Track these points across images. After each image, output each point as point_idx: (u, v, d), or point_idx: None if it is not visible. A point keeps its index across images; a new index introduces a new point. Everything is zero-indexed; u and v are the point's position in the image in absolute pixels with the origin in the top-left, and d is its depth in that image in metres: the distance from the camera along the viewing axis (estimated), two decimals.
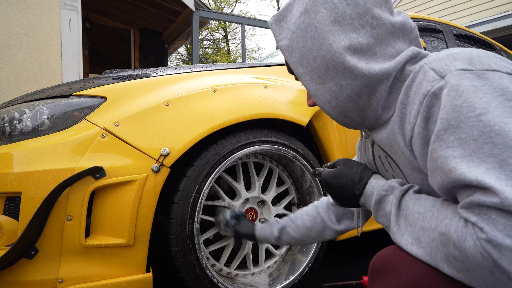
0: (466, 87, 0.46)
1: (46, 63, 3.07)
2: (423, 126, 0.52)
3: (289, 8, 0.68)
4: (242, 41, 5.96)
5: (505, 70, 0.48)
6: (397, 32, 0.61)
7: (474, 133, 0.44)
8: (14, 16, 2.94)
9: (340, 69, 0.59)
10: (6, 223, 0.91)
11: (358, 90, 0.60)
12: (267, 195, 1.36)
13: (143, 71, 1.30)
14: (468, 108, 0.45)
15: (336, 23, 0.59)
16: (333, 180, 0.71)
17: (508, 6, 6.68)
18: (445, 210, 0.49)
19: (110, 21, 5.95)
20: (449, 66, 0.50)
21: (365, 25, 0.59)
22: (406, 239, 0.53)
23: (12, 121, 1.02)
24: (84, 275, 0.94)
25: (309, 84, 0.65)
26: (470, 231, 0.43)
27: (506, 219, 0.40)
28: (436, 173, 0.49)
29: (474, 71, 0.48)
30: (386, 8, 0.61)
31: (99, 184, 0.95)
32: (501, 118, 0.43)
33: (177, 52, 15.90)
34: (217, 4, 16.73)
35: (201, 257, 1.12)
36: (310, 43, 0.62)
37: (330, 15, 0.59)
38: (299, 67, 0.65)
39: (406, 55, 0.60)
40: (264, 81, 1.35)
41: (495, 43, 2.63)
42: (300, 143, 1.33)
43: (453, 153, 0.45)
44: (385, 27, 0.59)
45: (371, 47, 0.59)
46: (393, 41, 0.61)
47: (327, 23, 0.60)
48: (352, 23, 0.59)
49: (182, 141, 1.06)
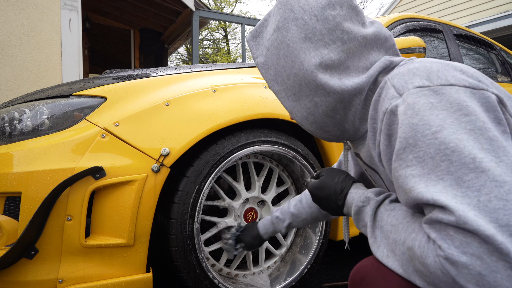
0: (422, 105, 0.47)
1: (46, 63, 3.07)
2: (386, 143, 0.53)
3: (264, 24, 0.68)
4: (242, 41, 5.97)
5: (462, 83, 0.48)
6: (370, 43, 0.61)
7: (431, 151, 0.45)
8: (14, 16, 2.94)
9: (313, 86, 0.60)
10: (6, 223, 0.91)
11: (332, 106, 0.60)
12: (267, 195, 1.36)
13: (143, 71, 1.30)
14: (424, 126, 0.46)
15: (307, 40, 0.59)
16: (318, 191, 0.71)
17: (508, 6, 6.68)
18: (413, 222, 0.49)
19: (110, 21, 5.95)
20: (407, 84, 0.50)
21: (335, 40, 0.58)
22: (382, 251, 0.54)
23: (12, 121, 1.02)
24: (84, 275, 0.94)
25: (285, 101, 0.65)
26: (431, 247, 0.44)
27: (463, 235, 0.40)
28: (400, 191, 0.50)
29: (431, 87, 0.48)
30: (357, 20, 0.61)
31: (99, 184, 0.95)
32: (456, 135, 0.44)
33: (177, 52, 15.90)
34: (217, 4, 16.73)
35: (201, 257, 1.12)
36: (283, 61, 0.62)
37: (301, 32, 0.60)
38: (274, 85, 0.65)
39: (378, 66, 0.60)
40: (264, 81, 1.35)
41: (495, 43, 2.63)
42: (300, 143, 1.33)
43: (412, 172, 0.46)
44: (356, 41, 0.59)
45: (343, 62, 0.59)
46: (367, 53, 0.61)
47: (298, 40, 0.60)
48: (323, 39, 0.59)
49: (182, 141, 1.06)
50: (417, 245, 0.46)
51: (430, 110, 0.46)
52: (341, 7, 0.60)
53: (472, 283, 0.39)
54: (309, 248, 1.37)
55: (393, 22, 1.88)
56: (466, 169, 0.42)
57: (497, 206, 0.40)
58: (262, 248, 1.36)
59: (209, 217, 1.24)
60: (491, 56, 2.59)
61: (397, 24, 1.90)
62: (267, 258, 1.40)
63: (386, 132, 0.52)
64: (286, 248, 1.43)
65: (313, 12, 0.59)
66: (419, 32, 2.04)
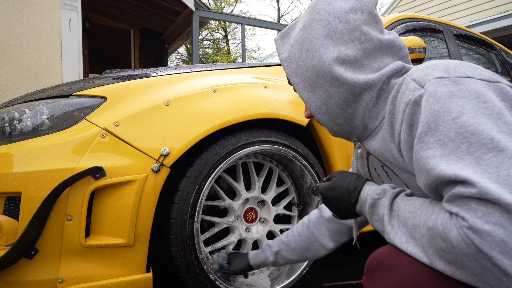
0: (443, 93, 0.51)
1: (46, 63, 3.07)
2: (408, 132, 0.56)
3: (293, 27, 0.76)
4: (242, 41, 5.96)
5: (478, 76, 0.52)
6: (385, 48, 0.66)
7: (451, 134, 0.48)
8: (14, 16, 2.94)
9: (328, 77, 0.65)
10: (6, 223, 0.91)
11: (344, 98, 0.65)
12: (267, 195, 1.36)
13: (143, 71, 1.30)
14: (445, 112, 0.49)
15: (328, 38, 0.65)
16: (330, 191, 0.73)
17: (508, 6, 6.68)
18: (432, 207, 0.51)
19: (110, 21, 5.95)
20: (428, 76, 0.55)
21: (354, 40, 0.64)
22: (400, 237, 0.55)
23: (12, 121, 1.02)
24: (84, 275, 0.94)
25: (302, 92, 0.70)
26: (453, 221, 0.45)
27: (485, 206, 0.43)
28: (421, 173, 0.52)
29: (450, 78, 0.52)
30: (376, 27, 0.67)
31: (99, 184, 0.95)
32: (475, 119, 0.47)
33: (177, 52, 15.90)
34: (217, 4, 16.73)
35: (201, 257, 1.12)
36: (304, 55, 0.68)
37: (324, 30, 0.66)
38: (294, 77, 0.71)
39: (391, 68, 0.65)
40: (264, 81, 1.35)
41: (495, 43, 2.63)
42: (300, 143, 1.33)
43: (434, 153, 0.49)
44: (372, 42, 0.65)
45: (359, 59, 0.65)
46: (381, 56, 0.66)
47: (320, 37, 0.66)
48: (342, 38, 0.65)
49: (182, 141, 1.06)
50: (439, 223, 0.47)
51: (450, 98, 0.50)
52: (362, 13, 0.66)
53: (495, 250, 0.41)
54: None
55: (393, 22, 1.88)
56: (485, 149, 0.45)
57: None
58: None
59: (209, 217, 1.24)
60: (491, 56, 2.59)
61: (397, 24, 1.90)
62: None
63: (408, 122, 0.55)
64: None
65: (336, 15, 0.66)
66: (419, 32, 2.04)
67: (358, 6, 0.66)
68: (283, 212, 1.41)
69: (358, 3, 0.66)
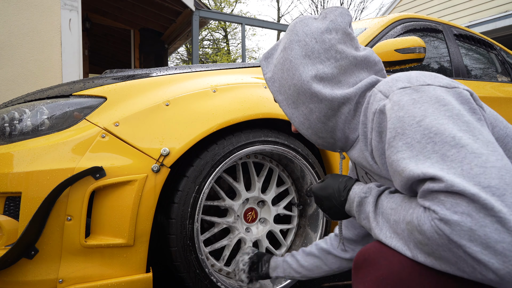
0: (406, 101, 0.55)
1: (46, 63, 3.07)
2: (378, 139, 0.61)
3: (276, 48, 0.82)
4: (242, 41, 5.96)
5: (438, 83, 0.57)
6: (360, 64, 0.71)
7: (417, 136, 0.52)
8: (14, 16, 2.94)
9: (308, 94, 0.70)
10: (6, 223, 0.91)
11: (324, 112, 0.70)
12: (267, 195, 1.36)
13: (143, 71, 1.30)
14: (409, 117, 0.54)
15: (306, 57, 0.71)
16: (322, 191, 0.76)
17: (508, 6, 6.68)
18: (410, 203, 0.55)
19: (110, 21, 5.95)
20: (392, 87, 0.60)
21: (330, 58, 0.70)
22: (385, 233, 0.58)
23: (12, 121, 1.02)
24: (84, 275, 0.94)
25: (286, 109, 0.76)
26: (426, 215, 0.49)
27: (452, 198, 0.46)
28: (395, 176, 0.56)
29: (412, 87, 0.57)
30: (351, 45, 0.72)
31: (99, 184, 0.95)
32: (438, 121, 0.51)
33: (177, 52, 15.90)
34: (217, 4, 16.73)
35: (201, 257, 1.12)
36: (286, 74, 0.73)
37: (302, 50, 0.72)
38: (278, 95, 0.77)
39: (366, 82, 0.69)
40: (265, 81, 1.35)
41: (495, 43, 2.63)
42: (300, 143, 1.33)
43: (403, 156, 0.53)
44: (347, 60, 0.70)
45: (335, 76, 0.70)
46: (357, 71, 0.71)
47: (299, 57, 0.71)
48: (319, 57, 0.70)
49: (182, 141, 1.06)
50: (415, 217, 0.51)
51: (413, 104, 0.55)
52: (337, 33, 0.72)
53: (465, 238, 0.43)
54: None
55: (393, 22, 1.88)
56: (448, 146, 0.49)
57: (478, 172, 0.46)
58: (262, 248, 1.36)
59: (209, 217, 1.24)
60: (491, 56, 2.58)
61: (397, 24, 1.90)
62: None
63: (377, 130, 0.60)
64: (286, 248, 1.43)
65: (313, 35, 0.72)
66: (419, 32, 2.04)
67: (333, 27, 0.72)
68: (283, 212, 1.41)
69: (332, 24, 0.72)
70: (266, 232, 1.36)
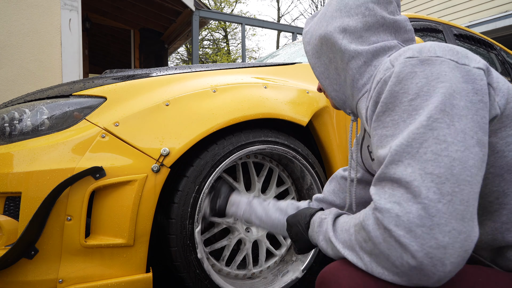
0: (406, 74, 0.53)
1: (46, 63, 3.08)
2: (372, 109, 0.60)
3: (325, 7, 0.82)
4: (242, 41, 5.97)
5: (448, 57, 0.53)
6: (387, 26, 0.70)
7: (405, 116, 0.51)
8: (14, 16, 2.94)
9: (329, 44, 0.72)
10: (6, 223, 0.91)
11: (339, 63, 0.71)
12: (267, 195, 1.36)
13: (143, 71, 1.30)
14: (403, 94, 0.52)
15: (338, 11, 0.72)
16: (293, 218, 0.81)
17: (508, 6, 6.68)
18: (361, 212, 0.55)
19: (110, 21, 5.95)
20: (401, 56, 0.57)
21: (358, 13, 0.69)
22: (338, 245, 0.59)
23: (12, 121, 1.02)
24: (84, 275, 0.94)
25: (311, 58, 0.78)
26: (371, 210, 0.51)
27: (392, 189, 0.48)
28: (374, 146, 0.57)
29: (419, 58, 0.54)
30: (385, 7, 0.71)
31: (99, 184, 0.95)
32: (427, 102, 0.50)
33: (177, 52, 15.90)
34: (217, 4, 16.73)
35: (201, 257, 1.12)
36: (317, 26, 0.76)
37: (337, 5, 0.73)
38: (307, 45, 0.80)
39: (383, 44, 0.68)
40: (264, 81, 1.35)
41: (495, 43, 2.63)
42: (300, 143, 1.33)
43: (386, 133, 0.53)
44: (375, 17, 0.69)
45: (358, 31, 0.69)
46: (382, 32, 0.69)
47: (333, 10, 0.73)
48: (349, 11, 0.70)
49: (182, 141, 1.06)
50: (361, 216, 0.53)
51: (412, 79, 0.52)
52: None
53: (392, 223, 0.46)
54: None
55: None
56: (420, 125, 0.48)
57: (429, 158, 0.47)
58: (263, 248, 1.36)
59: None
60: (491, 56, 2.58)
61: None
62: (267, 258, 1.40)
63: (374, 99, 0.59)
64: (286, 248, 1.43)
65: None
66: (419, 32, 2.04)
67: None
68: None
69: None
70: (266, 232, 1.36)
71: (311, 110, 1.33)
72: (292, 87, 1.37)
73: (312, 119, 1.36)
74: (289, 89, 1.35)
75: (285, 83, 1.38)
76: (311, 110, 1.33)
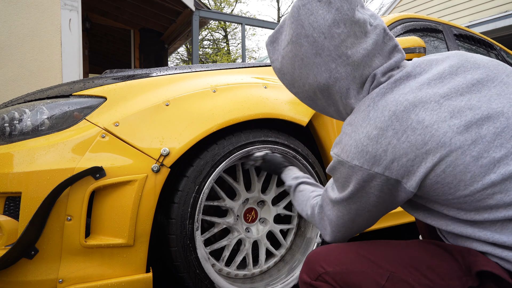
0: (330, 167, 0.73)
1: (46, 63, 3.07)
2: None
3: (280, 31, 0.77)
4: (242, 41, 5.97)
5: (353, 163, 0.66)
6: (372, 52, 0.67)
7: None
8: (14, 16, 2.94)
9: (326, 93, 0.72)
10: (6, 223, 0.91)
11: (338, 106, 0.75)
12: (267, 195, 1.36)
13: (143, 71, 1.30)
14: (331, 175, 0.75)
15: (318, 56, 0.68)
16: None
17: (508, 6, 6.68)
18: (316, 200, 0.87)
19: (110, 21, 5.95)
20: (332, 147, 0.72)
21: (341, 55, 0.67)
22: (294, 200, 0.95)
23: (12, 121, 1.02)
24: (84, 275, 0.94)
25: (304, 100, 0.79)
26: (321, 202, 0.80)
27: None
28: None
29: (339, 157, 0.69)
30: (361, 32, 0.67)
31: (99, 184, 0.95)
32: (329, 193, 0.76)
33: (177, 52, 15.90)
34: (217, 4, 16.73)
35: (201, 257, 1.12)
36: (298, 71, 0.72)
37: (312, 48, 0.68)
38: (291, 88, 0.78)
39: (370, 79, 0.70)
40: (264, 81, 1.35)
41: (495, 43, 2.63)
42: (300, 143, 1.33)
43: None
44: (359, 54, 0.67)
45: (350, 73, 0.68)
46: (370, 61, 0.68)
47: (310, 56, 0.69)
48: (330, 55, 0.67)
49: (182, 141, 1.06)
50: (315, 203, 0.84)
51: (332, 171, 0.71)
52: (345, 25, 0.66)
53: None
54: (308, 248, 1.37)
55: (393, 22, 1.88)
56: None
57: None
58: (262, 248, 1.36)
59: (209, 217, 1.24)
60: (491, 56, 2.59)
61: (397, 24, 1.90)
62: (267, 258, 1.40)
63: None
64: (286, 248, 1.43)
65: (321, 30, 0.67)
66: (419, 32, 2.04)
67: (340, 18, 0.66)
68: (283, 212, 1.41)
69: (339, 14, 0.66)
70: (266, 232, 1.36)
71: (311, 110, 1.33)
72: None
73: (312, 119, 1.36)
74: None
75: None
76: (311, 110, 1.33)
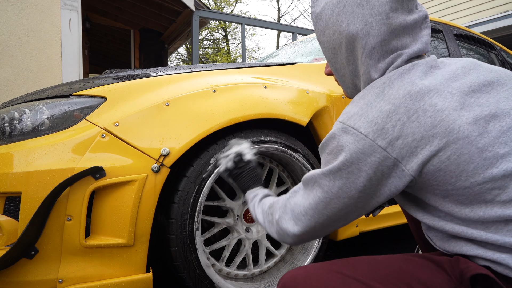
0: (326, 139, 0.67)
1: (46, 63, 3.08)
2: None
3: None
4: (242, 41, 5.97)
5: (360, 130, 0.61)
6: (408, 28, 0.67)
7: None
8: (14, 16, 2.95)
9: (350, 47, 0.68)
10: (6, 223, 0.91)
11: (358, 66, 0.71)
12: None
13: (143, 71, 1.30)
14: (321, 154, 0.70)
15: (360, 6, 0.66)
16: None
17: (508, 6, 6.68)
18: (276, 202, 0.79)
19: (110, 21, 5.96)
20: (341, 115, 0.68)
21: (382, 13, 0.65)
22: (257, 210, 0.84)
23: (12, 121, 1.02)
24: (84, 275, 0.94)
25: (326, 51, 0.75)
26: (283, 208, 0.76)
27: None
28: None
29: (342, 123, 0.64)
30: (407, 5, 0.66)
31: (99, 184, 0.95)
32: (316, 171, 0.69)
33: (177, 52, 15.90)
34: (217, 4, 16.73)
35: (201, 257, 1.12)
36: (335, 17, 0.69)
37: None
38: (321, 35, 0.74)
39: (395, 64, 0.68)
40: (264, 81, 1.35)
41: (495, 43, 2.63)
42: (300, 143, 1.33)
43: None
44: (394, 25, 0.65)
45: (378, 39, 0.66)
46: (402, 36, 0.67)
47: (353, 4, 0.66)
48: (372, 9, 0.65)
49: (182, 141, 1.06)
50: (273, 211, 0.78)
51: (327, 146, 0.66)
52: None
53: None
54: (309, 248, 1.37)
55: None
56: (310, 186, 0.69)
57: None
58: (262, 248, 1.36)
59: (209, 217, 1.24)
60: (491, 56, 2.58)
61: None
62: (267, 258, 1.40)
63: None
64: (286, 248, 1.43)
65: None
66: None
67: None
68: None
69: None
70: (266, 232, 1.36)
71: (311, 110, 1.33)
72: (292, 87, 1.37)
73: (312, 119, 1.36)
74: (289, 89, 1.35)
75: (285, 83, 1.38)
76: (311, 110, 1.33)
